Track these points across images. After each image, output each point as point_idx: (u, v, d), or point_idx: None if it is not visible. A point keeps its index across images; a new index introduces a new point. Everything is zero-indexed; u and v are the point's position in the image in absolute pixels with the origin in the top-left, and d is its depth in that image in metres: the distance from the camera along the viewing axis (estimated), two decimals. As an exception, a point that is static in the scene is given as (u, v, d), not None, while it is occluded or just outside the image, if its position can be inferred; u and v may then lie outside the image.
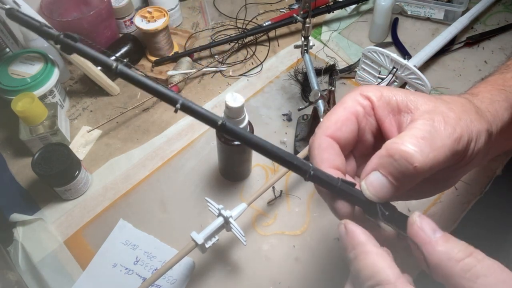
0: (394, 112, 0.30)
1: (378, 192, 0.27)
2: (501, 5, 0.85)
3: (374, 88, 0.31)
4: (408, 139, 0.26)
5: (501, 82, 0.36)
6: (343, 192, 0.28)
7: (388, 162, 0.26)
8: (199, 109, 0.25)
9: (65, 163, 0.55)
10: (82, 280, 0.53)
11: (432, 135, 0.26)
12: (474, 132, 0.28)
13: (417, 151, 0.25)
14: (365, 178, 0.27)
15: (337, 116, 0.30)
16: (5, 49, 0.68)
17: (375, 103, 0.30)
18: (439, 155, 0.26)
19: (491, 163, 0.62)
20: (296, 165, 0.27)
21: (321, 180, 0.28)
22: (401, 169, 0.26)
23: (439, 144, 0.26)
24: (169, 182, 0.62)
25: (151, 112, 0.71)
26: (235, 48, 0.79)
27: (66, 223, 0.58)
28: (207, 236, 0.47)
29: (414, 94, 0.30)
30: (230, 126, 0.25)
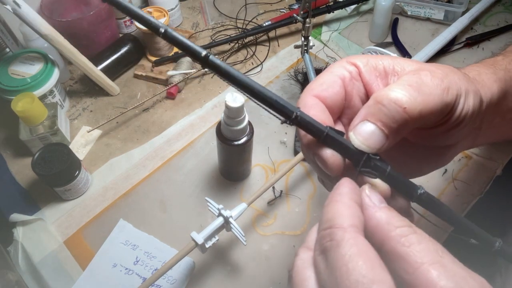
0: (382, 76, 0.29)
1: (367, 140, 0.25)
2: (501, 6, 0.85)
3: (360, 55, 0.30)
4: (394, 86, 0.26)
5: (491, 62, 0.36)
6: (331, 139, 0.26)
7: (377, 108, 0.25)
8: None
9: (65, 163, 0.55)
10: (82, 280, 0.53)
11: (418, 84, 0.26)
12: (463, 88, 0.28)
13: (406, 95, 0.25)
14: (353, 129, 0.26)
15: (323, 79, 0.29)
16: (5, 49, 0.68)
17: (362, 68, 0.30)
18: (427, 100, 0.25)
19: (491, 163, 0.62)
20: (281, 105, 0.25)
21: (307, 125, 0.25)
22: (391, 113, 0.25)
23: (427, 91, 0.26)
24: (169, 182, 0.62)
25: (151, 112, 0.71)
26: (235, 48, 0.79)
27: (66, 223, 0.58)
28: (207, 236, 0.47)
29: (401, 58, 0.30)
30: (213, 60, 0.24)
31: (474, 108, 0.29)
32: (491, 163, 0.62)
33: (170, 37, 0.24)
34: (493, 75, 0.33)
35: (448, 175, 0.61)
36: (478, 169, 0.62)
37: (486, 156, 0.63)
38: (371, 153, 0.26)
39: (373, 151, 0.25)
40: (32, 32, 0.62)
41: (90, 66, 0.68)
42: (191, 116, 0.70)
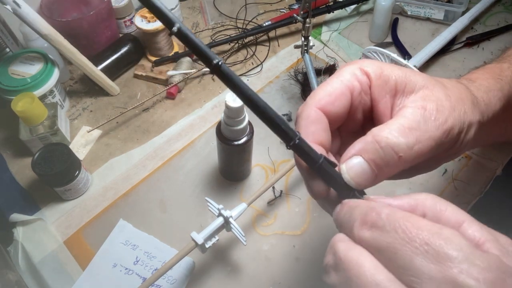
0: (391, 93, 0.29)
1: (357, 177, 0.26)
2: (501, 6, 0.85)
3: (374, 64, 0.29)
4: (395, 127, 0.26)
5: (498, 72, 0.36)
6: (323, 171, 0.26)
7: (373, 148, 0.25)
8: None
9: (65, 163, 0.55)
10: (82, 280, 0.53)
11: (420, 125, 0.26)
12: (466, 123, 0.28)
13: (403, 142, 0.25)
14: (346, 162, 0.26)
15: (332, 89, 0.28)
16: (5, 49, 0.68)
17: (374, 82, 0.29)
18: (424, 146, 0.26)
19: (491, 163, 0.62)
20: (283, 130, 0.25)
21: (303, 152, 0.26)
22: (385, 157, 0.25)
23: (426, 136, 0.26)
24: (169, 182, 0.62)
25: (151, 112, 0.71)
26: (235, 48, 0.79)
27: (66, 223, 0.58)
28: (207, 236, 0.47)
29: (414, 74, 0.29)
30: (225, 69, 0.23)
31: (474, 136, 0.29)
32: (491, 163, 0.62)
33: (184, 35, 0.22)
34: (499, 92, 0.33)
35: (448, 175, 0.61)
36: (478, 169, 0.62)
37: (486, 156, 0.63)
38: (357, 190, 0.26)
39: (360, 188, 0.26)
40: (32, 32, 0.62)
41: (90, 66, 0.68)
42: (191, 116, 0.70)
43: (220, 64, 0.23)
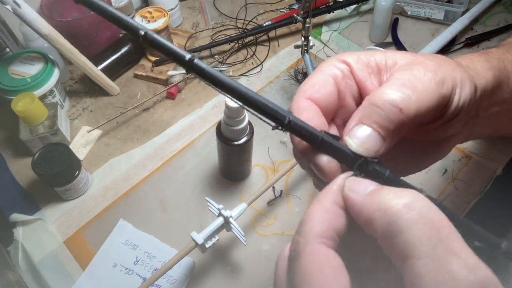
0: (374, 72, 0.28)
1: (365, 144, 0.24)
2: (501, 6, 0.85)
3: (351, 52, 0.29)
4: (387, 86, 0.25)
5: (484, 52, 0.36)
6: (327, 146, 0.24)
7: (372, 111, 0.24)
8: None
9: (65, 163, 0.55)
10: (82, 280, 0.53)
11: (412, 81, 0.25)
12: (458, 78, 0.27)
13: (400, 95, 0.24)
14: (348, 133, 0.25)
15: (315, 80, 0.28)
16: (5, 49, 0.68)
17: (353, 66, 0.28)
18: (423, 97, 0.25)
19: (491, 163, 0.62)
20: (273, 110, 0.24)
21: (301, 130, 0.24)
22: (387, 115, 0.24)
23: (421, 87, 0.25)
24: (169, 182, 0.62)
25: (151, 112, 0.71)
26: (235, 48, 0.79)
27: (66, 223, 0.58)
28: (207, 236, 0.47)
29: (392, 51, 0.29)
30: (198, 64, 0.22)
31: (471, 96, 0.28)
32: (491, 163, 0.62)
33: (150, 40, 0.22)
34: (486, 63, 0.33)
35: (448, 175, 0.61)
36: (478, 169, 0.62)
37: (486, 156, 0.63)
38: (368, 157, 0.24)
39: (371, 155, 0.24)
40: (32, 32, 0.62)
41: (90, 66, 0.68)
42: (191, 116, 0.70)
43: (193, 59, 0.22)
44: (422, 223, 0.19)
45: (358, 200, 0.22)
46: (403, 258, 0.19)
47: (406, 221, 0.19)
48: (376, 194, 0.22)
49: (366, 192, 0.22)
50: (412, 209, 0.20)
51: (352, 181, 0.23)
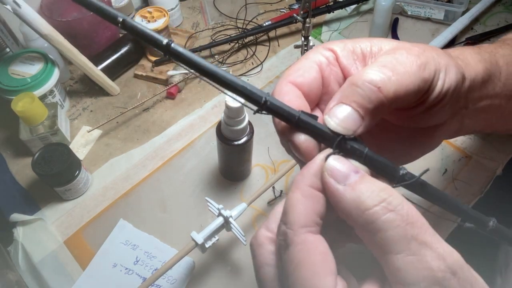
0: (360, 59, 0.29)
1: (343, 122, 0.24)
2: (501, 6, 0.85)
3: (336, 41, 0.30)
4: (368, 68, 0.25)
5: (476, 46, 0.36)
6: (305, 124, 0.25)
7: (351, 90, 0.25)
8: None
9: (65, 163, 0.55)
10: (82, 280, 0.53)
11: (393, 63, 0.25)
12: (442, 63, 0.27)
13: (379, 75, 0.24)
14: (328, 112, 0.25)
15: (299, 65, 0.28)
16: (5, 49, 0.68)
17: (339, 53, 0.29)
18: (403, 78, 0.25)
19: (491, 163, 0.62)
20: (249, 91, 0.24)
21: (278, 110, 0.24)
22: (366, 94, 0.24)
23: (401, 69, 0.25)
24: (169, 182, 0.62)
25: (151, 112, 0.71)
26: (235, 48, 0.79)
27: (66, 223, 0.58)
28: (207, 236, 0.47)
29: (378, 38, 0.29)
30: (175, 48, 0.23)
31: (457, 83, 0.28)
32: (491, 163, 0.62)
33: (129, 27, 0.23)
34: (477, 55, 0.33)
35: (448, 175, 0.61)
36: (478, 169, 0.62)
37: (486, 156, 0.63)
38: (347, 136, 0.24)
39: (350, 133, 0.24)
40: (32, 32, 0.62)
41: (90, 66, 0.68)
42: (191, 116, 0.70)
43: (170, 43, 0.23)
44: (397, 222, 0.21)
45: (338, 192, 0.23)
46: (382, 253, 0.21)
47: (383, 222, 0.21)
48: (356, 190, 0.22)
49: (346, 183, 0.23)
50: (389, 209, 0.21)
51: (332, 163, 0.23)
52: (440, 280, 0.20)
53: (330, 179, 0.23)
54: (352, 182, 0.23)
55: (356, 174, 0.23)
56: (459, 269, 0.20)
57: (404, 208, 0.21)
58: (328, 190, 0.23)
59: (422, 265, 0.20)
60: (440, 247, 0.21)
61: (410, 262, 0.20)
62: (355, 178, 0.23)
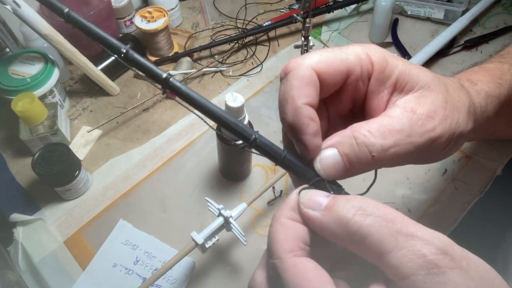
0: (389, 89, 0.28)
1: (328, 169, 0.26)
2: (501, 7, 0.85)
3: (380, 52, 0.27)
4: (375, 126, 0.25)
5: (499, 74, 0.36)
6: (288, 164, 0.27)
7: (348, 143, 0.25)
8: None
9: (65, 163, 0.55)
10: (82, 280, 0.53)
11: (403, 129, 0.25)
12: (457, 133, 0.28)
13: (379, 143, 0.25)
14: (321, 152, 0.26)
15: (333, 58, 0.27)
16: (5, 49, 0.68)
17: (375, 74, 0.27)
18: (401, 150, 0.25)
19: (491, 163, 0.62)
20: (241, 128, 0.25)
21: (265, 147, 0.26)
22: (359, 154, 0.25)
23: (406, 140, 0.25)
24: (169, 182, 0.62)
25: (151, 112, 0.71)
26: (235, 48, 0.79)
27: (66, 223, 0.58)
28: (207, 236, 0.47)
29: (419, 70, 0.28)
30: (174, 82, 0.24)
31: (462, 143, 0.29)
32: (491, 163, 0.62)
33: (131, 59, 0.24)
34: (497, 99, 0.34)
35: (448, 175, 0.61)
36: (478, 169, 0.62)
37: (486, 156, 0.63)
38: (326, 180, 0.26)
39: (330, 179, 0.26)
40: (32, 32, 0.62)
41: (90, 66, 0.68)
42: (191, 116, 0.70)
43: (169, 78, 0.24)
44: (379, 224, 0.22)
45: (317, 218, 0.24)
46: (376, 257, 0.22)
47: (366, 227, 0.22)
48: (332, 210, 0.23)
49: (322, 208, 0.24)
50: (366, 214, 0.22)
51: (305, 197, 0.25)
52: (435, 262, 0.20)
53: (307, 210, 0.24)
54: (327, 205, 0.24)
55: (328, 198, 0.24)
56: (450, 248, 0.21)
57: (380, 209, 0.22)
58: (309, 220, 0.24)
59: (414, 255, 0.21)
60: (426, 233, 0.21)
61: (403, 256, 0.21)
62: (328, 200, 0.24)
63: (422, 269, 0.20)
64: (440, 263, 0.20)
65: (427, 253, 0.20)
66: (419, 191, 0.59)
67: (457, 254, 0.21)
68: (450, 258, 0.20)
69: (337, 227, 0.23)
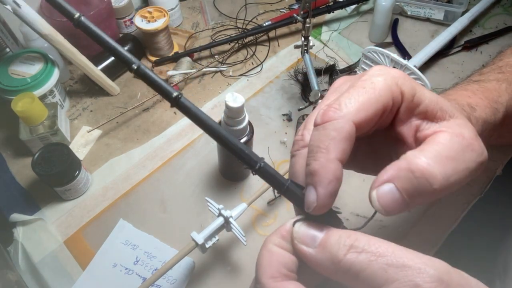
0: (419, 116, 0.27)
1: (388, 206, 0.24)
2: (500, 7, 0.85)
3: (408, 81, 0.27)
4: (431, 155, 0.24)
5: (496, 97, 0.36)
6: (290, 194, 0.26)
7: (406, 177, 0.24)
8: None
9: (65, 163, 0.55)
10: (82, 280, 0.53)
11: (458, 155, 0.24)
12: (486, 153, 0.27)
13: (440, 173, 0.24)
14: (377, 188, 0.24)
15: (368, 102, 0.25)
16: (5, 49, 0.68)
17: (405, 103, 0.27)
18: (460, 178, 0.24)
19: (491, 163, 0.62)
20: (247, 155, 0.26)
21: (269, 176, 0.26)
22: (419, 187, 0.24)
23: (463, 166, 0.24)
24: (169, 182, 0.62)
25: (151, 112, 0.71)
26: (235, 48, 0.79)
27: (66, 223, 0.58)
28: (207, 236, 0.47)
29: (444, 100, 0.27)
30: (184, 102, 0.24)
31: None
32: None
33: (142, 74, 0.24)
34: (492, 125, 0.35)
35: (448, 175, 0.61)
36: (478, 169, 0.62)
37: (486, 156, 0.63)
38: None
39: (388, 215, 0.25)
40: (32, 32, 0.62)
41: (90, 66, 0.67)
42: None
43: (179, 97, 0.24)
44: (369, 259, 0.22)
45: (312, 256, 0.24)
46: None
47: (357, 264, 0.22)
48: (325, 248, 0.24)
49: (316, 244, 0.24)
50: (358, 251, 0.22)
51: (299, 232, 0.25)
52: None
53: (301, 246, 0.24)
54: (320, 242, 0.24)
55: (322, 233, 0.24)
56: (446, 275, 0.21)
57: (371, 244, 0.22)
58: (303, 255, 0.24)
59: (407, 285, 0.20)
60: (420, 262, 0.21)
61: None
62: (322, 236, 0.24)
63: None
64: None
65: (420, 282, 0.20)
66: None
67: (454, 281, 0.21)
68: (445, 286, 0.20)
69: (330, 265, 0.23)
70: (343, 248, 0.23)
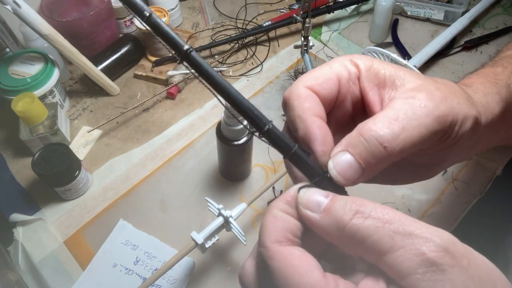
0: (380, 85, 0.28)
1: (345, 173, 0.25)
2: (500, 8, 0.86)
3: (365, 57, 0.29)
4: (380, 119, 0.25)
5: (493, 76, 0.36)
6: (298, 158, 0.26)
7: (358, 142, 0.25)
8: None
9: (65, 163, 0.55)
10: (82, 280, 0.53)
11: (407, 115, 0.25)
12: (461, 114, 0.27)
13: (387, 132, 0.25)
14: (333, 158, 0.26)
15: (320, 73, 0.28)
16: (5, 49, 0.68)
17: (363, 73, 0.29)
18: (412, 134, 0.25)
19: (491, 163, 0.62)
20: (255, 115, 0.25)
21: (277, 139, 0.26)
22: (370, 149, 0.25)
23: (414, 123, 0.25)
24: (169, 182, 0.62)
25: (151, 112, 0.71)
26: (235, 48, 0.79)
27: (66, 223, 0.58)
28: (207, 236, 0.47)
29: (404, 70, 0.29)
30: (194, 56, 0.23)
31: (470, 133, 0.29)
32: (491, 163, 0.62)
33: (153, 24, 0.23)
34: (497, 96, 0.33)
35: (448, 175, 0.61)
36: (478, 169, 0.62)
37: (486, 156, 0.63)
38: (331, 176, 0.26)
39: (348, 184, 0.26)
40: (32, 32, 0.62)
41: (90, 66, 0.68)
42: (191, 116, 0.70)
43: (190, 51, 0.23)
44: (376, 225, 0.22)
45: (316, 221, 0.24)
46: (375, 258, 0.22)
47: (363, 230, 0.22)
48: (330, 213, 0.23)
49: (321, 210, 0.24)
50: (364, 216, 0.22)
51: (303, 197, 0.25)
52: (434, 260, 0.20)
53: (306, 211, 0.24)
54: (325, 207, 0.24)
55: (327, 198, 0.24)
56: (451, 245, 0.21)
57: (378, 211, 0.22)
58: (308, 221, 0.24)
59: (412, 253, 0.20)
60: (426, 231, 0.21)
61: (400, 255, 0.21)
62: (327, 201, 0.24)
63: (421, 267, 0.20)
64: (440, 261, 0.20)
65: (426, 251, 0.20)
66: (419, 191, 0.59)
67: (459, 252, 0.21)
68: (450, 256, 0.20)
69: (335, 230, 0.23)
70: (348, 213, 0.23)
